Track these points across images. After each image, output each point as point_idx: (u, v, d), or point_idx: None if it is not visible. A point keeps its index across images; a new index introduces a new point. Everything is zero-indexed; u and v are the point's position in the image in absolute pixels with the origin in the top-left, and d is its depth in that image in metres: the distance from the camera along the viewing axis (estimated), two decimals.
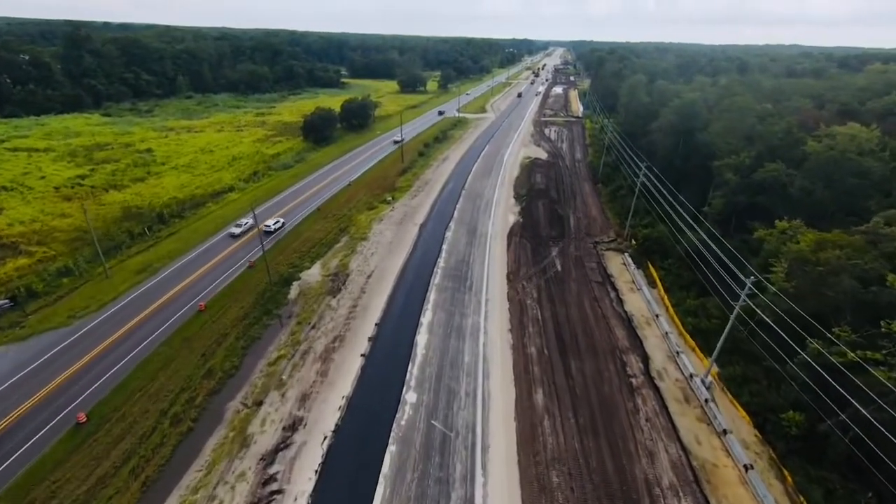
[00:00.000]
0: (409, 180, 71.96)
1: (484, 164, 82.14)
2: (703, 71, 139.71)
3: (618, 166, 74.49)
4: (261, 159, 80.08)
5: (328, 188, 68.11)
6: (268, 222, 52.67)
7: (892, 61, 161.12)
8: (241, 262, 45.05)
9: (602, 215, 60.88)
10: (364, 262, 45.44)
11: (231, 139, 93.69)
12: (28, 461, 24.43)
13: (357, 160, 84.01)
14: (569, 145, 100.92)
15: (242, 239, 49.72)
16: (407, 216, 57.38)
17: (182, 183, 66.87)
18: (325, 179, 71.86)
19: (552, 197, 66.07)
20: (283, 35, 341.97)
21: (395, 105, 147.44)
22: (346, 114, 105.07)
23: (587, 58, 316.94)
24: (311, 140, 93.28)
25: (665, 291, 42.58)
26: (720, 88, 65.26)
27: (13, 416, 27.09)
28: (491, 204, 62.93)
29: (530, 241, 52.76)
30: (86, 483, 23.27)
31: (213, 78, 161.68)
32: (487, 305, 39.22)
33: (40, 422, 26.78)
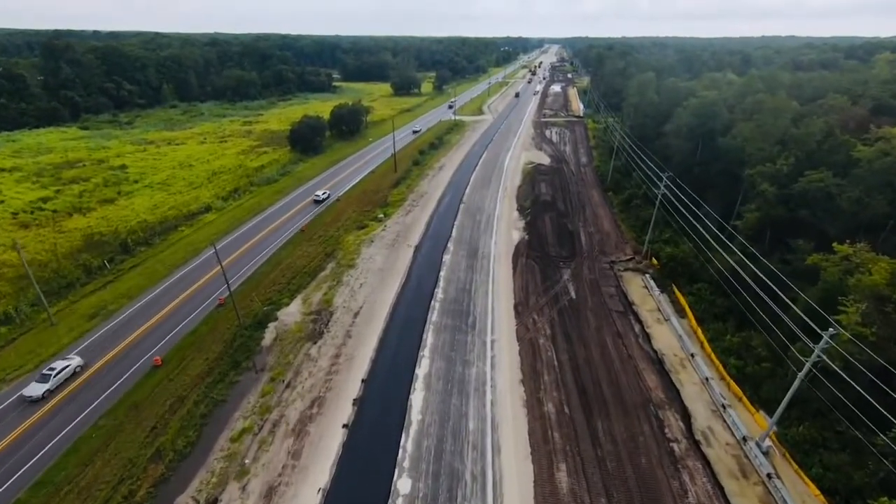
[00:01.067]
0: (402, 193, 66.32)
1: (483, 172, 76.50)
2: (706, 65, 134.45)
3: (628, 172, 68.90)
4: (243, 173, 74.42)
5: (314, 204, 62.43)
6: (318, 192, 65.20)
7: (894, 50, 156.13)
8: (210, 299, 39.38)
9: (616, 229, 55.25)
10: (351, 295, 39.78)
11: (213, 151, 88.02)
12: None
13: (347, 171, 78.36)
14: (572, 148, 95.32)
15: (213, 270, 44.04)
16: (400, 236, 51.74)
17: (155, 203, 61.21)
18: (312, 194, 66.16)
19: (559, 209, 60.41)
20: (275, 39, 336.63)
21: (388, 109, 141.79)
22: (336, 120, 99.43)
23: (584, 54, 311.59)
24: (298, 150, 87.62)
25: (697, 323, 36.96)
26: (740, 86, 59.75)
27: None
28: (492, 219, 57.29)
29: (538, 262, 47.14)
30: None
31: (199, 85, 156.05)
32: (494, 348, 33.61)
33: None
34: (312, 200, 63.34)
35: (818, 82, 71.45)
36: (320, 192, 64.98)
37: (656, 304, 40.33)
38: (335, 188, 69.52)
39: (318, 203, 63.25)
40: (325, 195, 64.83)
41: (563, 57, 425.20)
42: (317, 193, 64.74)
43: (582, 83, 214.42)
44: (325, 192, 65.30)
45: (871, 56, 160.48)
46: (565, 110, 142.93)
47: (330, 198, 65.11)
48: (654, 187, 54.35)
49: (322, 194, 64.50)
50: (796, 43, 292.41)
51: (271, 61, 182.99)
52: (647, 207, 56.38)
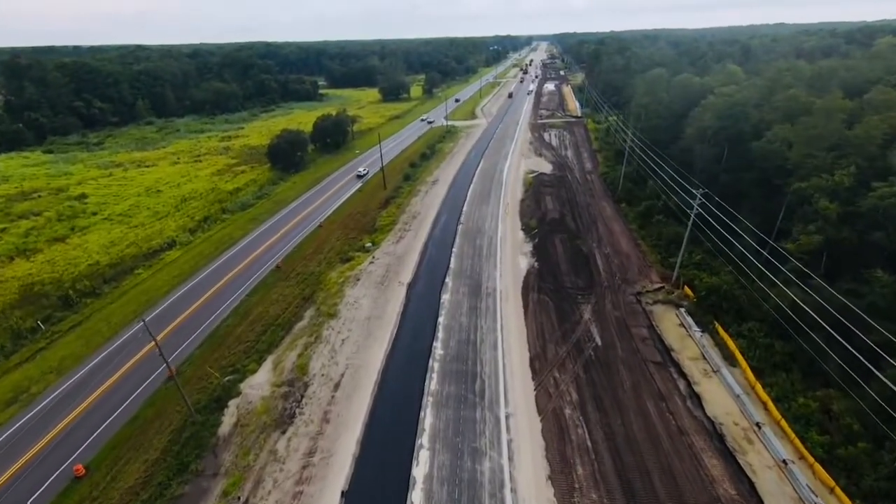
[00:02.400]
0: (393, 214, 59.37)
1: (481, 186, 69.67)
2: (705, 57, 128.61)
3: (641, 179, 62.30)
4: (216, 198, 67.25)
5: (293, 234, 55.37)
6: (360, 169, 77.77)
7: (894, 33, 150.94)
8: (158, 372, 32.27)
9: (635, 249, 48.52)
10: (331, 357, 32.78)
11: (186, 173, 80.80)
12: None
13: (331, 190, 71.33)
14: (574, 152, 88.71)
15: (166, 329, 36.91)
16: (390, 271, 44.77)
17: (112, 240, 54.01)
18: (290, 221, 59.10)
19: (569, 227, 53.60)
20: (259, 47, 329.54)
21: (376, 116, 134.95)
22: (319, 133, 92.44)
23: (575, 50, 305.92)
24: (278, 168, 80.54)
25: (755, 376, 30.21)
26: (767, 81, 53.32)
27: None
28: (495, 242, 50.44)
29: (552, 296, 40.32)
30: None
31: (177, 100, 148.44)
32: (510, 428, 26.71)
33: None
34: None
35: (844, 72, 65.31)
36: (362, 169, 76.36)
37: (699, 348, 33.58)
38: (317, 211, 62.48)
39: (360, 178, 74.76)
40: (365, 173, 75.41)
41: (554, 54, 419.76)
42: (359, 170, 75.94)
43: (576, 80, 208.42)
44: (365, 170, 75.77)
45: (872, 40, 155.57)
46: (562, 110, 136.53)
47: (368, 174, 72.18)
48: (674, 196, 47.85)
49: (363, 170, 75.52)
50: (787, 30, 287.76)
51: (253, 71, 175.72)
52: (671, 223, 49.75)
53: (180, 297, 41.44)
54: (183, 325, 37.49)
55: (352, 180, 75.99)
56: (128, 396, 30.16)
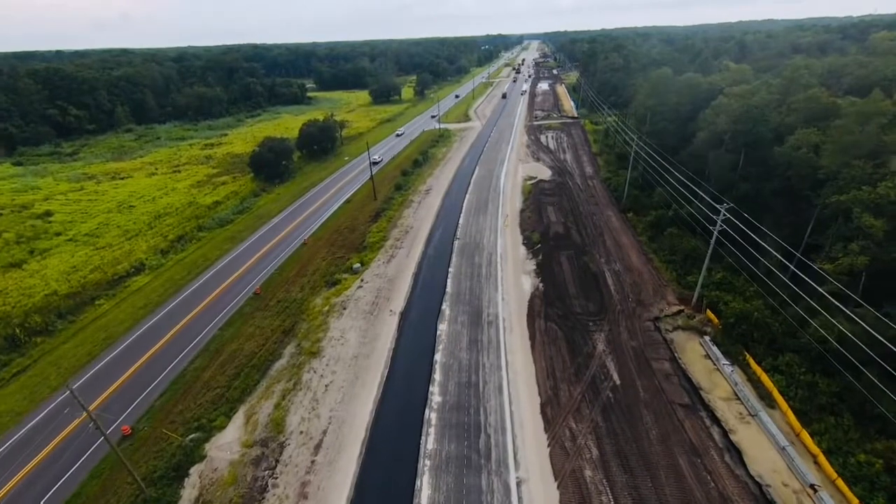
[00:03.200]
0: (383, 229, 55.03)
1: (477, 195, 65.54)
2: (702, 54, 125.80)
3: (648, 186, 58.53)
4: (193, 213, 62.48)
5: (274, 253, 50.87)
6: (374, 157, 76.77)
7: (889, 28, 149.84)
8: (111, 429, 27.68)
9: (647, 265, 44.64)
10: (312, 407, 28.44)
11: (163, 185, 75.86)
12: None
13: (317, 202, 66.81)
14: (573, 156, 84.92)
15: (122, 376, 32.33)
16: (381, 297, 40.46)
17: (75, 264, 49.17)
18: (272, 238, 54.55)
19: (574, 241, 49.62)
20: (246, 50, 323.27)
21: (366, 120, 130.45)
22: (305, 139, 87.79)
23: (568, 49, 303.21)
24: (261, 179, 75.85)
25: (800, 422, 26.35)
26: (784, 80, 49.74)
27: None
28: (495, 260, 46.32)
29: (561, 324, 36.28)
30: None
31: (159, 106, 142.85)
32: (523, 500, 22.55)
33: None
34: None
35: (855, 68, 62.12)
36: (377, 156, 75.46)
37: (730, 385, 29.68)
38: (302, 226, 57.98)
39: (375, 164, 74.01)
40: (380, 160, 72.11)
41: (546, 52, 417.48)
42: (374, 157, 74.00)
43: (570, 79, 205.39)
44: (380, 158, 71.84)
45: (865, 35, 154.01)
46: (557, 111, 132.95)
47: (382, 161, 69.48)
48: (687, 205, 44.05)
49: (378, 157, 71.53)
50: (777, 26, 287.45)
51: (238, 75, 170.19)
52: (685, 235, 45.95)
53: (143, 335, 36.82)
54: (143, 369, 32.93)
55: (340, 191, 71.44)
56: (70, 465, 25.59)
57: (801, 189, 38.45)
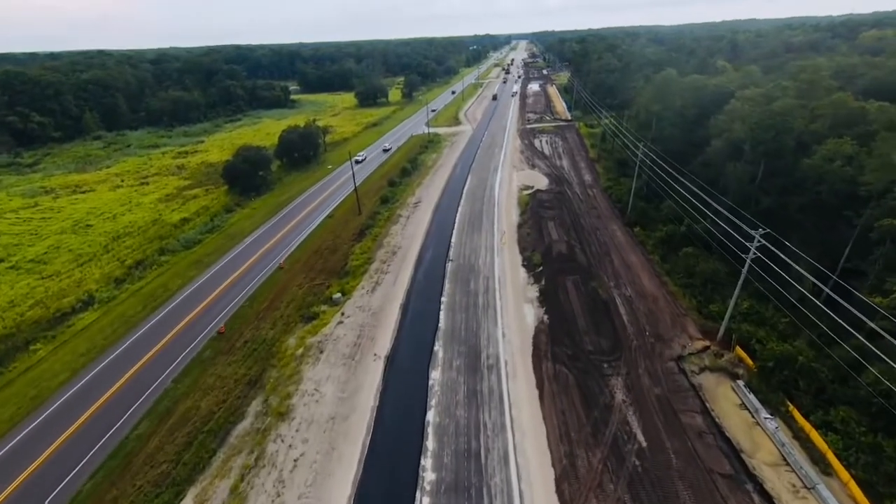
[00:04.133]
0: (368, 249, 49.79)
1: (470, 207, 60.63)
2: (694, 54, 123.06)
3: (654, 196, 54.27)
4: (156, 233, 56.44)
5: (245, 280, 45.29)
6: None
7: (877, 27, 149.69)
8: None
9: (662, 289, 40.16)
10: (276, 493, 23.15)
11: (127, 200, 69.50)
12: None
13: (297, 217, 61.25)
14: (570, 162, 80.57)
15: (49, 448, 26.64)
16: (363, 336, 35.25)
17: (13, 297, 43.00)
18: (244, 262, 48.93)
19: (579, 261, 44.96)
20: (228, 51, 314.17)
21: (351, 124, 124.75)
22: (286, 147, 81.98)
23: (557, 49, 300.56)
24: (236, 191, 69.93)
25: (868, 498, 21.93)
26: (802, 83, 45.77)
27: None
28: (492, 286, 41.44)
29: (572, 366, 31.53)
30: None
31: (131, 111, 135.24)
32: None
33: None
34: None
35: (866, 69, 58.71)
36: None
37: (776, 446, 25.16)
38: (279, 246, 52.42)
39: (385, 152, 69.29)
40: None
41: (534, 53, 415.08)
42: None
43: (560, 79, 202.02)
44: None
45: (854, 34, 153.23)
46: (550, 113, 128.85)
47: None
48: (703, 220, 39.70)
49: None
50: (759, 25, 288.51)
51: (217, 77, 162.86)
52: (703, 255, 41.51)
53: (80, 391, 31.11)
54: (74, 439, 27.30)
55: (322, 205, 65.90)
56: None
57: (834, 205, 34.41)
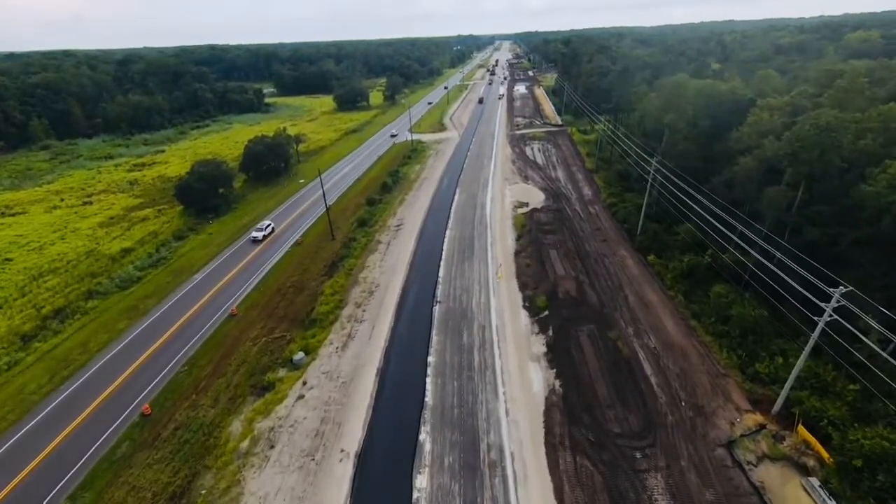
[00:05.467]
0: (340, 288, 42.06)
1: (460, 230, 53.43)
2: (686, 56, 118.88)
3: (666, 215, 48.01)
4: (88, 269, 47.54)
5: (187, 334, 37.02)
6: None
7: (861, 28, 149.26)
8: None
9: (690, 337, 33.63)
10: None
11: (63, 224, 60.05)
12: None
13: (259, 245, 53.02)
14: (566, 173, 74.18)
15: None
16: (329, 419, 27.63)
17: None
18: (189, 307, 40.61)
19: (591, 304, 38.08)
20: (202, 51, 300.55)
21: (329, 131, 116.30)
22: (251, 160, 73.36)
23: (542, 50, 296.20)
24: (191, 212, 61.23)
25: None
26: (840, 91, 40.07)
27: None
28: (489, 337, 34.29)
29: (596, 459, 24.56)
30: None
31: (87, 117, 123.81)
32: None
33: None
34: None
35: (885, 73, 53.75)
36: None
37: None
38: (235, 284, 44.22)
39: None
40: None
41: (519, 53, 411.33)
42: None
43: (546, 81, 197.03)
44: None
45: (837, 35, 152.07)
46: (539, 117, 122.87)
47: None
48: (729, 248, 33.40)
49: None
50: (737, 27, 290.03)
51: (185, 80, 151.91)
52: (737, 296, 35.08)
53: None
54: None
55: (290, 229, 57.80)
56: None
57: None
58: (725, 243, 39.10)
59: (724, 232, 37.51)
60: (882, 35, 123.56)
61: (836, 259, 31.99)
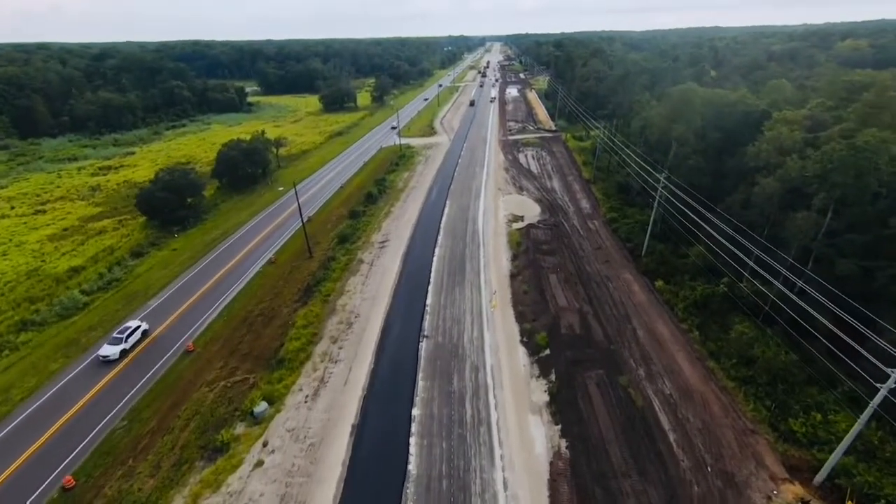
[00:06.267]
0: (315, 318, 37.26)
1: (450, 250, 48.96)
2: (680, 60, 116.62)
3: (672, 235, 44.36)
4: (27, 293, 41.76)
5: (132, 377, 31.80)
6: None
7: (850, 37, 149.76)
8: None
9: (709, 382, 29.73)
10: None
11: (8, 237, 53.90)
12: None
13: (228, 263, 47.82)
14: (562, 184, 70.34)
15: None
16: (292, 490, 22.89)
17: None
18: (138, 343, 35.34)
19: (598, 342, 33.92)
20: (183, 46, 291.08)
21: (313, 133, 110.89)
22: (225, 166, 67.85)
23: (534, 52, 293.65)
24: (155, 224, 55.63)
25: None
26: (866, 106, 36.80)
27: None
28: (484, 381, 29.92)
29: None
30: None
31: (52, 114, 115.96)
32: None
33: None
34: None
35: None
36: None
37: None
38: (196, 311, 39.02)
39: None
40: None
41: (509, 55, 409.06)
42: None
43: (538, 84, 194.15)
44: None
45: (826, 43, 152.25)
46: (532, 121, 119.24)
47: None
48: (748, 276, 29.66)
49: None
50: (724, 33, 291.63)
51: (162, 76, 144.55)
52: (761, 335, 31.31)
53: None
54: None
55: (263, 243, 52.66)
56: None
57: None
58: (741, 268, 35.67)
59: (739, 257, 34.07)
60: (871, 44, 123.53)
61: (872, 295, 28.48)
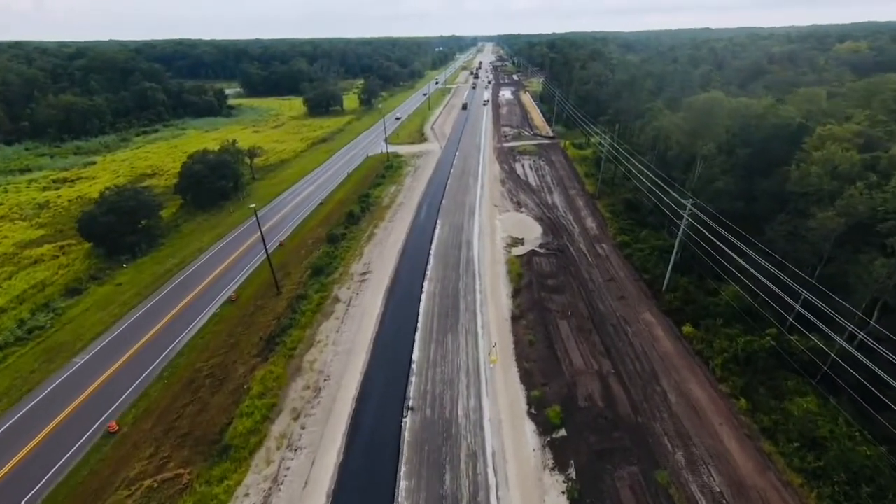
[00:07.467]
0: (276, 381, 30.38)
1: (441, 284, 42.27)
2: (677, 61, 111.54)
3: (696, 264, 38.24)
4: None
5: (32, 469, 24.73)
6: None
7: (845, 39, 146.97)
8: None
9: (765, 472, 23.51)
10: None
11: None
12: None
13: (181, 301, 40.63)
14: (564, 199, 64.11)
15: None
16: None
17: None
18: (51, 417, 28.17)
19: (623, 416, 27.51)
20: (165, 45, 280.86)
21: (295, 140, 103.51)
22: (188, 182, 60.44)
23: (527, 53, 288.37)
24: (101, 252, 48.20)
25: None
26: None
27: None
28: (484, 479, 23.38)
29: None
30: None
31: (10, 119, 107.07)
32: None
33: None
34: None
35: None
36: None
37: None
38: (124, 376, 31.92)
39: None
40: None
41: (502, 56, 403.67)
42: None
43: (533, 86, 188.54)
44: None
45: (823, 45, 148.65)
46: (528, 126, 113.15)
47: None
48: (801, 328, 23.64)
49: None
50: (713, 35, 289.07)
51: (134, 77, 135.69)
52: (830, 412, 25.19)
53: None
54: None
55: (224, 275, 45.57)
56: None
57: None
58: (786, 314, 29.78)
59: (784, 300, 28.25)
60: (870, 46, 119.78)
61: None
